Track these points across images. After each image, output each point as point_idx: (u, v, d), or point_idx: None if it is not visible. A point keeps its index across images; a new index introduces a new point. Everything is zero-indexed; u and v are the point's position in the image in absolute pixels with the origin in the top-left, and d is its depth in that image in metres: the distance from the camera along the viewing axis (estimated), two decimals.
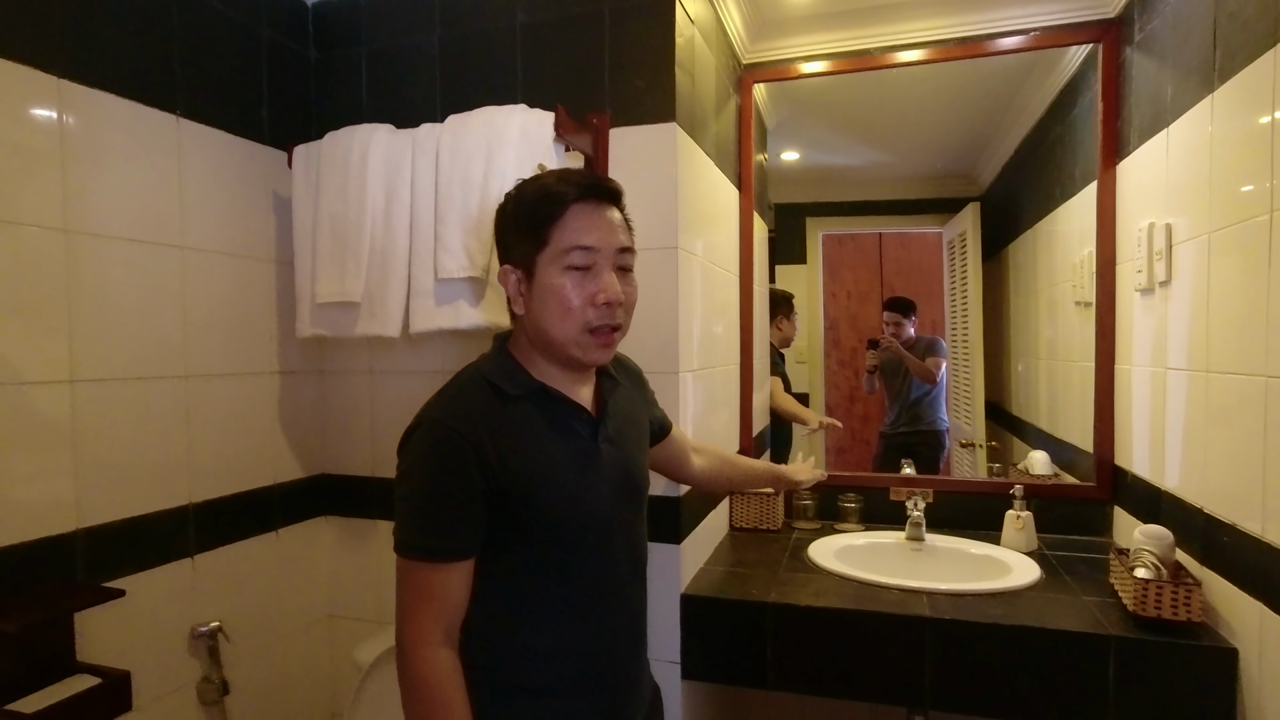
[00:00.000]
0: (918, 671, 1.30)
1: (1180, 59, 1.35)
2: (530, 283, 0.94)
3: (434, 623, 0.88)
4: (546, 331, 0.93)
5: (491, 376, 0.94)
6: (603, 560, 0.97)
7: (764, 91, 2.03)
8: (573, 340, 0.93)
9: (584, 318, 0.92)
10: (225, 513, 1.49)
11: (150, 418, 1.35)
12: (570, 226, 0.92)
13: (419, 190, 1.40)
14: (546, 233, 0.92)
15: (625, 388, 1.09)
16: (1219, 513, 1.21)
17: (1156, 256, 1.43)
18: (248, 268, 1.56)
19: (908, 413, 2.22)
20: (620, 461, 1.01)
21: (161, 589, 1.36)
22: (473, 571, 0.91)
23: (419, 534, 0.88)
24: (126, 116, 1.30)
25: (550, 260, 0.92)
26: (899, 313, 2.22)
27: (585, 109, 1.45)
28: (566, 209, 0.92)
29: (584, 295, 0.92)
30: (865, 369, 2.24)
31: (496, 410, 0.92)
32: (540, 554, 0.93)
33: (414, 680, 0.87)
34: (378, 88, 1.65)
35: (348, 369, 1.72)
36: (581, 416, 0.98)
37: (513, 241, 0.96)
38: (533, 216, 0.93)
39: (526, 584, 0.93)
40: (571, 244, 0.91)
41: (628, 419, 1.06)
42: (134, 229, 1.32)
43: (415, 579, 0.89)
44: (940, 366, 2.20)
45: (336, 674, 1.77)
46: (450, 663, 0.88)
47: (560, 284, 0.91)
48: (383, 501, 1.70)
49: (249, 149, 1.55)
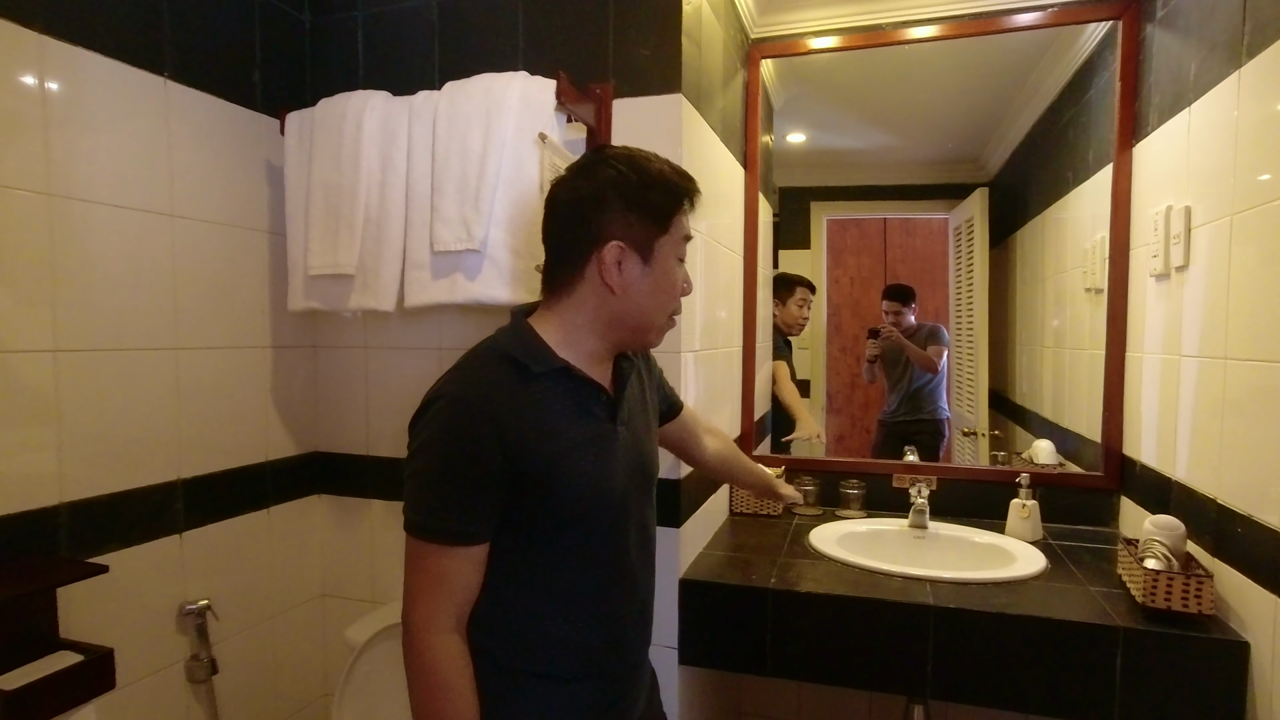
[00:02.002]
0: (919, 660, 1.27)
1: (1205, 34, 1.31)
2: (646, 265, 0.92)
3: (443, 608, 0.85)
4: (644, 314, 0.94)
5: (513, 351, 0.90)
6: (615, 546, 0.95)
7: (771, 70, 1.97)
8: (658, 326, 0.96)
9: (673, 305, 0.97)
10: (215, 489, 1.46)
11: (137, 391, 1.31)
12: (683, 222, 0.95)
13: (415, 159, 1.35)
14: (671, 220, 0.93)
15: (638, 370, 1.06)
16: (1233, 504, 1.17)
17: (1174, 241, 1.39)
18: (239, 238, 1.51)
19: (908, 401, 2.18)
20: (633, 445, 0.98)
21: (148, 565, 1.33)
22: (486, 556, 0.88)
23: (431, 515, 0.85)
24: (112, 77, 1.26)
25: (669, 247, 0.94)
26: (899, 301, 2.18)
27: (588, 78, 1.40)
28: (682, 205, 0.95)
29: (679, 286, 0.97)
30: (865, 358, 2.20)
31: (518, 387, 0.87)
32: (554, 538, 0.90)
33: (420, 667, 0.85)
34: (374, 54, 1.60)
35: (342, 344, 1.68)
36: (601, 398, 0.94)
37: (633, 219, 0.90)
38: (663, 203, 0.92)
39: (539, 569, 0.90)
40: (685, 236, 0.96)
41: (640, 401, 1.04)
42: (120, 195, 1.27)
43: (425, 562, 0.85)
44: (942, 355, 2.16)
45: (328, 653, 1.75)
46: (458, 648, 0.86)
47: (674, 271, 0.95)
48: (377, 480, 1.67)
49: (240, 115, 1.50)
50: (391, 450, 1.66)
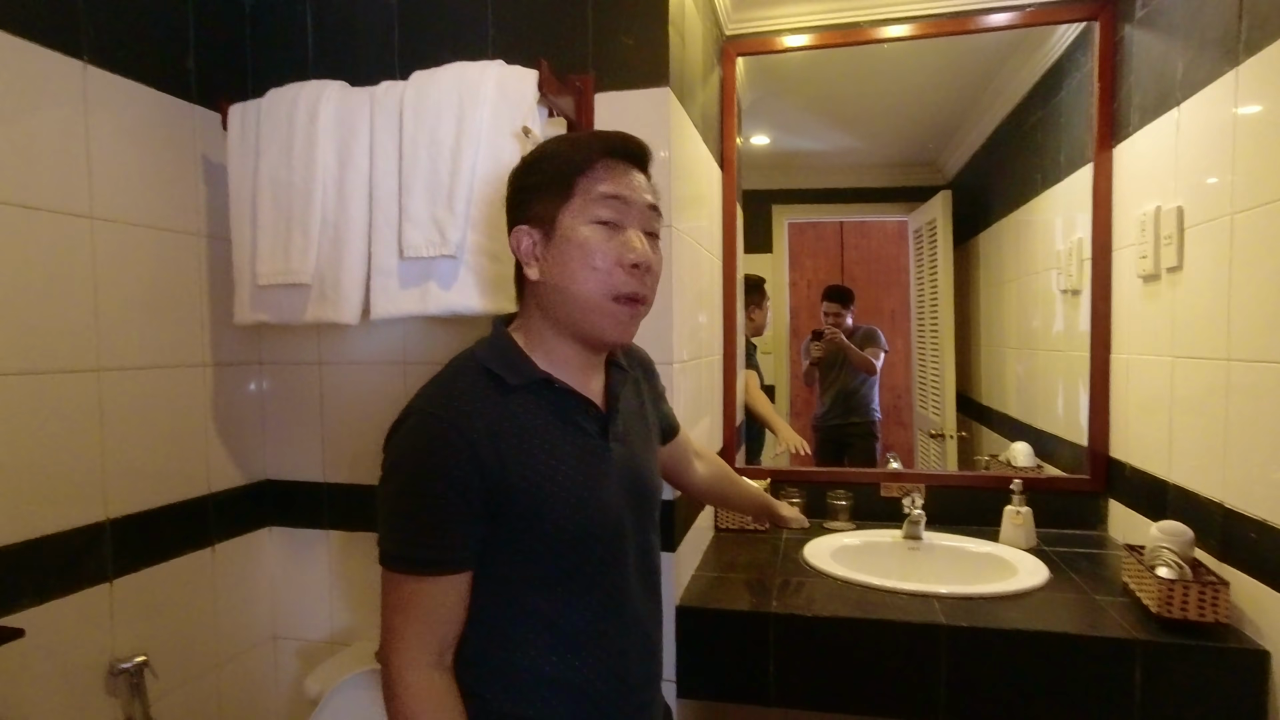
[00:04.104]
0: (931, 682, 1.21)
1: (1193, 32, 1.29)
2: (549, 240, 0.81)
3: (422, 643, 0.77)
4: (567, 294, 0.81)
5: (489, 364, 0.82)
6: (613, 574, 0.86)
7: (742, 68, 1.91)
8: (596, 307, 0.81)
9: (611, 281, 0.81)
10: (150, 528, 1.29)
11: (53, 419, 1.13)
12: (599, 176, 0.81)
13: (379, 155, 1.22)
14: (573, 183, 0.81)
15: (635, 380, 0.97)
16: (1242, 507, 1.15)
17: (1165, 241, 1.37)
18: (173, 243, 1.34)
19: (840, 404, 2.16)
20: (630, 463, 0.89)
21: (71, 621, 1.15)
22: (469, 586, 0.80)
23: (403, 543, 0.78)
24: (18, 58, 1.08)
25: (576, 212, 0.81)
26: (839, 303, 2.16)
27: (566, 69, 1.30)
28: (594, 160, 0.82)
29: (612, 254, 0.80)
30: (807, 361, 2.16)
31: (495, 402, 0.80)
32: (543, 567, 0.81)
33: (400, 709, 0.77)
34: (325, 41, 1.45)
35: (293, 360, 1.52)
36: (590, 412, 0.85)
37: (531, 198, 0.84)
38: (558, 168, 0.82)
39: (528, 601, 0.82)
40: (600, 193, 0.81)
41: (637, 416, 0.94)
42: (28, 194, 1.10)
43: (401, 593, 0.78)
44: (879, 357, 2.15)
45: (284, 702, 1.58)
46: (441, 686, 0.78)
47: (586, 237, 0.80)
48: (334, 510, 1.52)
49: (173, 106, 1.34)
50: (350, 476, 1.51)
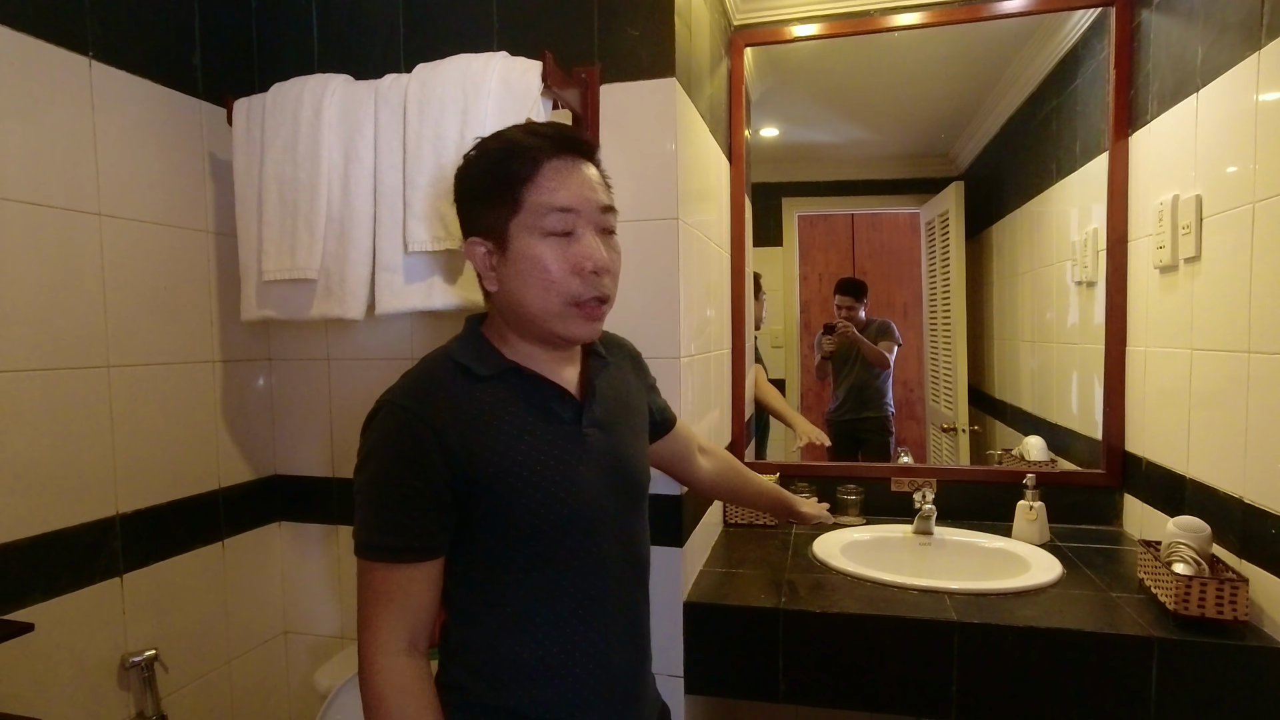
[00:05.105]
0: (943, 680, 1.20)
1: (1213, 16, 1.26)
2: (503, 254, 0.81)
3: (394, 629, 0.79)
4: (525, 308, 0.82)
5: (459, 357, 0.84)
6: (590, 560, 0.85)
7: (750, 60, 1.89)
8: (555, 314, 0.82)
9: (568, 289, 0.81)
10: (160, 523, 1.30)
11: (64, 416, 1.14)
12: (546, 186, 0.80)
13: (384, 149, 1.21)
14: (519, 194, 0.80)
15: (617, 368, 0.96)
16: (1263, 502, 1.13)
17: (1183, 231, 1.34)
18: (181, 240, 1.35)
19: (854, 398, 2.13)
20: (611, 449, 0.88)
21: (82, 616, 1.16)
22: (439, 572, 0.82)
23: (375, 531, 0.79)
24: (25, 55, 1.09)
25: (525, 226, 0.81)
26: (852, 296, 2.13)
27: (571, 60, 1.29)
28: (540, 166, 0.80)
29: (566, 264, 0.81)
30: (821, 355, 2.13)
31: (464, 392, 0.82)
32: (517, 552, 0.82)
33: (371, 694, 0.78)
34: (330, 34, 1.45)
35: (301, 356, 1.52)
36: (563, 399, 0.86)
37: (479, 209, 0.83)
38: (502, 177, 0.81)
39: (505, 588, 0.83)
40: (549, 205, 0.80)
41: (620, 403, 0.93)
42: (37, 191, 1.11)
43: (372, 580, 0.80)
44: (893, 350, 2.12)
45: (294, 698, 1.59)
46: (413, 672, 0.79)
47: (539, 253, 0.80)
48: (344, 504, 1.52)
49: (179, 102, 1.34)
50: None
